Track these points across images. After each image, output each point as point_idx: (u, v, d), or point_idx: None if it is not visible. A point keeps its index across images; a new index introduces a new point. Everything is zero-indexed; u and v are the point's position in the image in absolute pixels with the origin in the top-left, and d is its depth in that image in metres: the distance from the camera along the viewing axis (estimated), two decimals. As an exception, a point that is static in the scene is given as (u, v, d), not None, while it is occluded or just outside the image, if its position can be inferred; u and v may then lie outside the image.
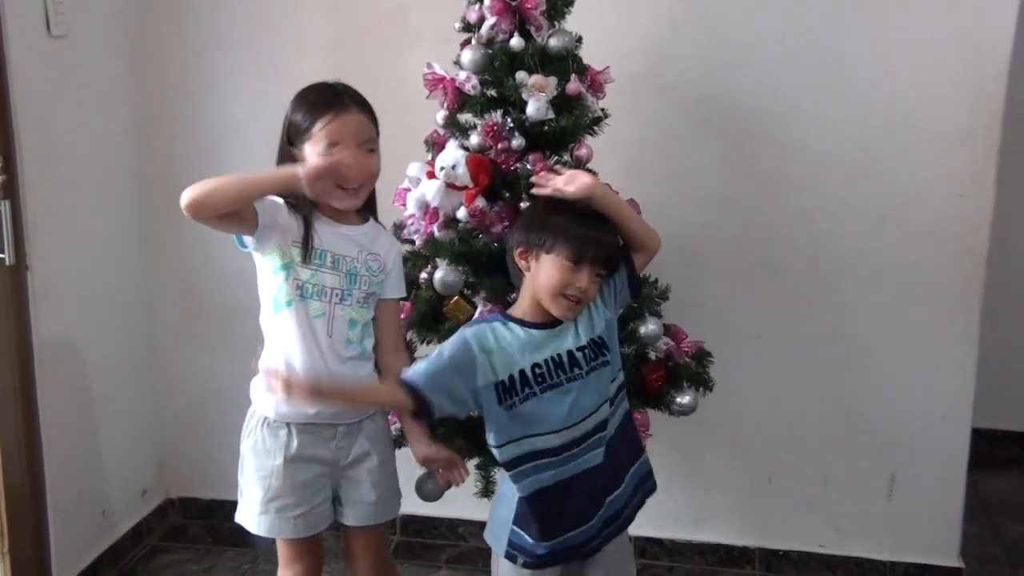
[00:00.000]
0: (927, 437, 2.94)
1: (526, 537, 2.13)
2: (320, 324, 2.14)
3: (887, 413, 2.96)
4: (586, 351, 2.08)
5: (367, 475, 2.23)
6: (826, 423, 3.01)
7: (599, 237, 2.05)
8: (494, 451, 2.11)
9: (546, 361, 2.06)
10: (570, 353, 2.07)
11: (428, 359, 2.07)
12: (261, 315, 2.21)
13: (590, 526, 2.13)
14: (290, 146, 2.15)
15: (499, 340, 2.06)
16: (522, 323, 2.09)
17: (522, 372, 2.05)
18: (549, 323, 2.09)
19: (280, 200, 2.12)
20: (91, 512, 3.02)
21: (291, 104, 2.17)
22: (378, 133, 2.19)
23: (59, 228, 2.81)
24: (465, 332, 2.08)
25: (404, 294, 2.32)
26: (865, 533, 3.04)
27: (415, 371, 2.05)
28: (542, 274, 2.05)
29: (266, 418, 2.20)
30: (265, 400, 2.20)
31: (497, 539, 2.20)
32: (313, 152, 2.10)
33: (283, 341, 2.15)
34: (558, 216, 2.08)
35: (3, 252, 2.61)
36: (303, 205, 2.13)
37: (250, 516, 2.24)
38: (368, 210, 2.25)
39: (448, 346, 2.07)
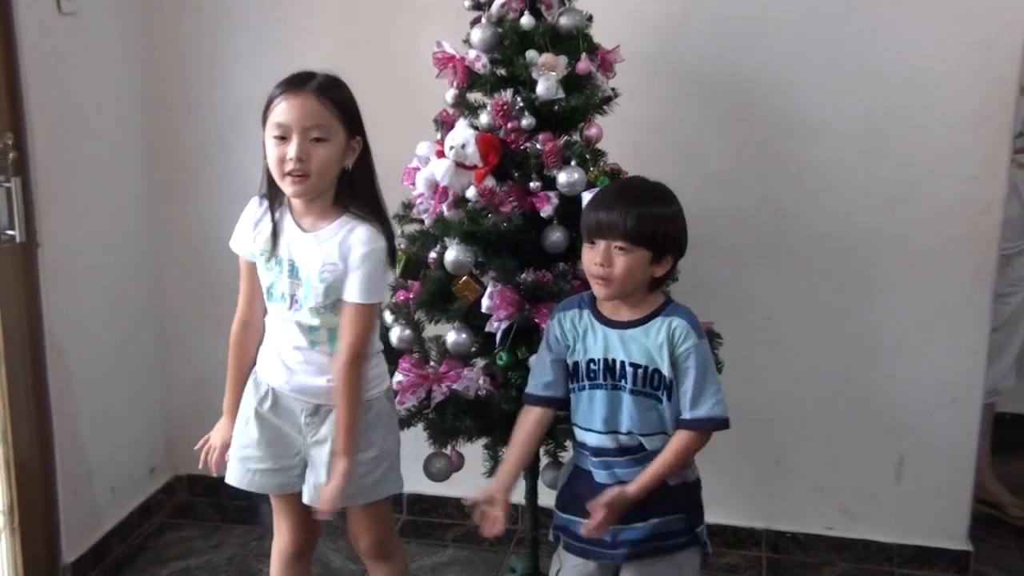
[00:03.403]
0: (936, 420, 2.94)
1: (569, 515, 2.20)
2: (286, 326, 2.16)
3: (896, 396, 2.96)
4: (640, 372, 2.09)
5: (324, 459, 2.17)
6: (835, 405, 3.00)
7: (610, 212, 2.05)
8: None
9: (600, 360, 2.10)
10: (623, 364, 2.09)
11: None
12: None
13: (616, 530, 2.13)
14: (263, 125, 2.11)
15: (575, 326, 2.14)
16: (598, 315, 2.14)
17: (576, 364, 2.13)
18: (623, 323, 2.11)
19: (255, 208, 2.17)
20: (100, 489, 3.04)
21: None
22: (348, 125, 2.08)
23: (69, 206, 2.81)
24: (554, 312, 2.19)
25: (365, 300, 2.08)
26: (873, 516, 3.04)
27: (530, 384, 2.20)
28: (583, 259, 2.14)
29: (257, 375, 2.25)
30: (260, 362, 2.24)
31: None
32: (268, 136, 2.06)
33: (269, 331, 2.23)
34: (590, 201, 2.18)
35: (14, 230, 2.61)
36: (274, 204, 2.14)
37: (228, 463, 2.28)
38: (348, 201, 2.12)
39: (544, 336, 2.20)
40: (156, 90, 3.14)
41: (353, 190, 2.13)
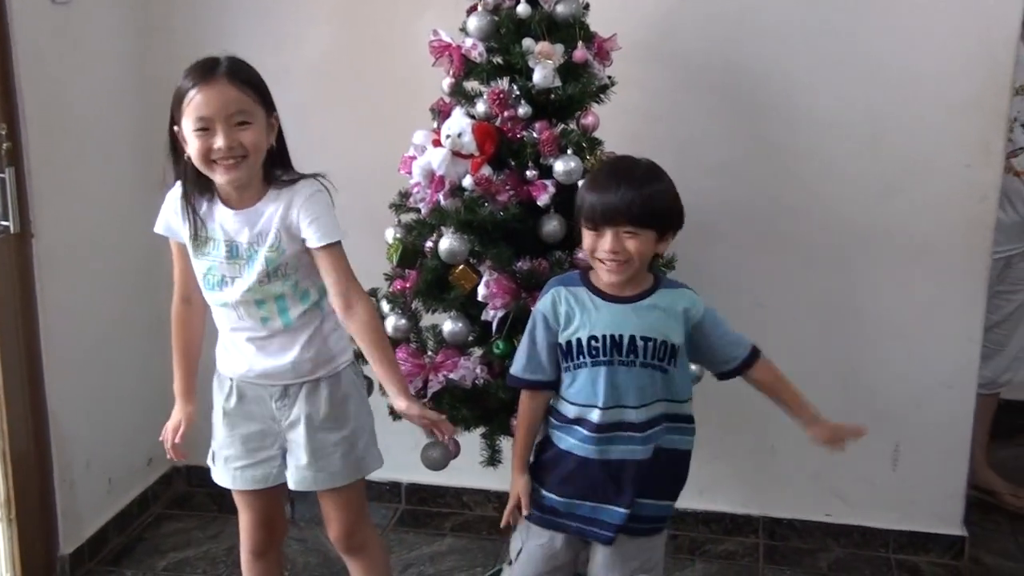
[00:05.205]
0: (931, 407, 2.95)
1: (538, 486, 2.18)
2: (232, 314, 2.14)
3: (892, 383, 2.97)
4: (651, 344, 2.08)
5: (302, 439, 2.16)
6: (830, 393, 2.98)
7: (612, 199, 2.03)
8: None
9: (605, 336, 2.08)
10: (632, 338, 2.08)
11: (520, 345, 2.18)
12: None
13: (610, 510, 2.13)
14: (174, 124, 2.06)
15: (569, 304, 2.11)
16: (598, 292, 2.12)
17: (572, 342, 2.10)
18: (626, 298, 2.10)
19: (176, 195, 2.16)
20: (97, 480, 3.04)
21: None
22: (264, 104, 2.06)
23: (64, 195, 2.80)
24: (537, 306, 2.15)
25: (332, 239, 2.07)
26: (869, 502, 3.06)
27: (513, 366, 2.18)
28: (583, 243, 2.11)
29: (219, 371, 2.24)
30: (218, 356, 2.24)
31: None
32: (188, 129, 2.02)
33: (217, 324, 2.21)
34: (585, 185, 2.15)
35: (8, 220, 2.60)
36: (193, 195, 2.11)
37: (213, 465, 2.29)
38: (272, 175, 2.11)
39: (529, 324, 2.16)
40: (150, 79, 3.12)
41: (275, 164, 2.11)
